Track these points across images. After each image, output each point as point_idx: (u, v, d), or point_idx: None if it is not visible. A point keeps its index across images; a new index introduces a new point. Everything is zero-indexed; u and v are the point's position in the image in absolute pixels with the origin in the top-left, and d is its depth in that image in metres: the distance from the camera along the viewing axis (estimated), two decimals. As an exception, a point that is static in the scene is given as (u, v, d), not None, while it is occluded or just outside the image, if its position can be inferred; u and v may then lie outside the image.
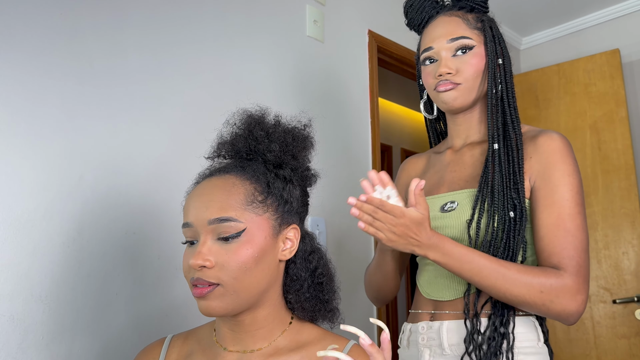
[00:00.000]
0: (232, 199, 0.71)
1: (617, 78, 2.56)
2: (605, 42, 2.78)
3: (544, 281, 0.88)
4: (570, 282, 0.88)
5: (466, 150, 1.10)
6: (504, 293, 0.89)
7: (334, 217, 1.81)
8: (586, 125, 2.62)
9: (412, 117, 4.48)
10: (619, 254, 2.43)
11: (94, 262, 1.17)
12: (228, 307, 0.71)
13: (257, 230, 0.72)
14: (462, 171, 1.08)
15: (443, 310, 1.00)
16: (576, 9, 2.78)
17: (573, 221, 0.92)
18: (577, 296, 0.88)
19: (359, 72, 2.05)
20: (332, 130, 1.88)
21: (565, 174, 0.94)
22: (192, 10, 1.48)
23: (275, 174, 0.77)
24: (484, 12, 1.09)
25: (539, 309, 0.89)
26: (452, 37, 1.03)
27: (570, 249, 0.90)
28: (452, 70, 1.02)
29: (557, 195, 0.93)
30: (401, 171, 1.27)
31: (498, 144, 1.00)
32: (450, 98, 1.04)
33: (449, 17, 1.06)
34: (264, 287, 0.74)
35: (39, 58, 1.15)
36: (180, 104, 1.41)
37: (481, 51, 1.04)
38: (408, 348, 1.06)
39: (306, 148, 0.82)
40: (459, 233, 1.00)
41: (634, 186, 2.43)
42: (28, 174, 1.10)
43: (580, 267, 0.89)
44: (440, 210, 1.04)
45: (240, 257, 0.70)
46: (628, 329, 2.34)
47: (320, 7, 1.91)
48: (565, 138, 0.99)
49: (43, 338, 1.07)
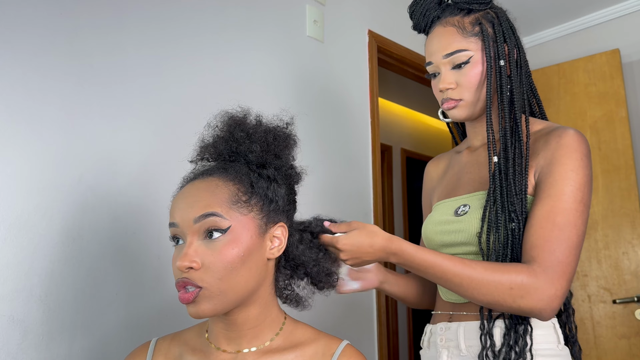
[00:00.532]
0: (216, 199, 0.72)
1: (617, 78, 2.57)
2: (605, 42, 2.78)
3: (514, 277, 0.84)
4: (542, 276, 0.84)
5: (482, 151, 1.09)
6: (472, 293, 0.86)
7: (335, 217, 1.81)
8: (586, 125, 2.62)
9: (412, 117, 4.49)
10: (619, 254, 2.43)
11: (93, 262, 1.18)
12: (217, 308, 0.71)
13: (243, 229, 0.72)
14: (477, 172, 1.07)
15: (460, 312, 1.00)
16: (576, 9, 2.78)
17: (565, 216, 0.88)
18: (549, 291, 0.83)
19: (359, 72, 2.05)
20: (332, 130, 1.88)
21: (569, 169, 0.90)
22: (192, 10, 1.49)
23: (258, 173, 0.77)
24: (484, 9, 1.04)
25: (510, 306, 0.85)
26: (447, 52, 1.01)
27: (553, 243, 0.86)
28: (452, 85, 1.02)
29: (555, 189, 0.90)
30: (425, 176, 1.26)
31: (497, 156, 0.98)
32: (454, 115, 1.04)
33: (444, 28, 1.03)
34: (252, 286, 0.74)
35: (39, 58, 1.15)
36: (180, 103, 1.41)
37: (481, 58, 1.01)
38: (429, 349, 1.06)
39: (289, 146, 0.82)
40: (469, 238, 0.99)
41: (633, 186, 2.43)
42: (28, 174, 1.11)
43: (559, 262, 0.85)
44: (454, 214, 1.03)
45: (226, 257, 0.70)
46: (628, 329, 2.34)
47: (320, 7, 1.92)
48: (580, 134, 0.94)
49: (43, 338, 1.08)
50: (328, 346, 0.77)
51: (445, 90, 1.03)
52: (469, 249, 1.00)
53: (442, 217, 1.06)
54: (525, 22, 2.91)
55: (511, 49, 1.02)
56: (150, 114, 1.34)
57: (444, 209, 1.07)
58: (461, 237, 1.00)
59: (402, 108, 4.36)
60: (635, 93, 2.66)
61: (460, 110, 1.03)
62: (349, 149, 1.94)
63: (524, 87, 1.02)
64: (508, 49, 1.02)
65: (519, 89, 1.01)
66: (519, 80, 1.02)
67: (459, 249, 1.01)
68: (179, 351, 0.80)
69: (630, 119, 2.63)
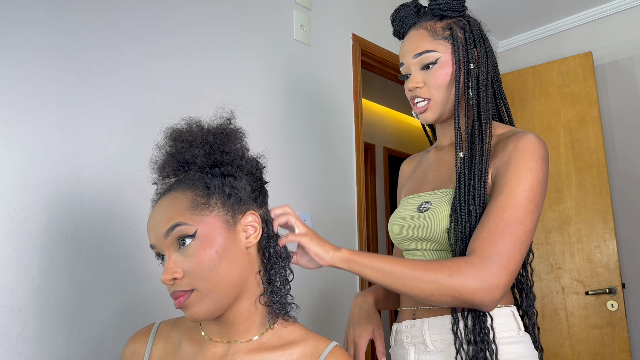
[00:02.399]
0: (176, 210, 0.74)
1: (589, 80, 2.64)
2: (579, 45, 2.86)
3: (451, 265, 0.84)
4: (480, 266, 0.83)
5: (447, 150, 1.10)
6: (415, 290, 0.85)
7: (319, 212, 1.87)
8: (560, 125, 2.69)
9: (394, 117, 4.55)
10: (592, 248, 2.50)
11: (91, 256, 1.21)
12: (210, 308, 0.73)
13: (210, 229, 0.73)
14: (442, 171, 1.08)
15: (424, 306, 1.01)
16: (551, 13, 2.85)
17: (513, 212, 0.87)
18: (488, 280, 0.83)
19: (344, 74, 2.10)
20: (317, 130, 1.93)
21: (523, 169, 0.91)
22: (185, 14, 1.52)
23: (212, 174, 0.78)
24: (457, 17, 1.06)
25: (453, 295, 0.84)
26: (416, 52, 1.04)
27: (496, 236, 0.85)
28: (419, 84, 1.04)
29: (508, 187, 0.90)
30: (399, 174, 1.30)
31: (462, 152, 1.00)
32: (425, 118, 1.06)
33: (417, 31, 1.06)
34: (238, 278, 0.75)
35: (38, 60, 1.18)
36: (173, 103, 1.45)
37: (449, 60, 1.03)
38: (396, 347, 1.06)
39: (233, 140, 0.82)
40: (430, 234, 1.00)
41: (605, 183, 2.51)
42: (28, 172, 1.13)
43: (499, 254, 0.84)
44: (418, 210, 1.04)
45: (202, 258, 0.72)
46: (600, 319, 2.42)
47: (307, 12, 1.96)
48: (538, 138, 0.95)
49: (42, 328, 1.10)
50: (316, 347, 0.77)
51: (414, 89, 1.05)
52: (431, 245, 1.01)
53: (406, 212, 1.07)
54: (501, 26, 2.97)
55: (481, 55, 1.03)
56: (145, 114, 1.37)
57: (408, 205, 1.09)
58: (423, 233, 1.01)
59: (384, 108, 4.42)
60: (607, 94, 2.74)
61: (430, 113, 1.05)
62: (334, 147, 1.99)
63: (490, 91, 1.04)
64: (478, 54, 1.04)
65: (485, 92, 1.02)
66: (486, 85, 1.03)
67: (422, 244, 1.03)
68: (179, 337, 0.82)
69: (602, 118, 2.70)
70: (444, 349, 0.96)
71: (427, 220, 1.00)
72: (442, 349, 0.96)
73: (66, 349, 1.14)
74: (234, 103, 1.62)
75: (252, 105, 1.69)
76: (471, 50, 1.03)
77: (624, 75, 2.70)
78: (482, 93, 1.02)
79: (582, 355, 2.44)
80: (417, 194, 1.10)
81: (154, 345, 0.83)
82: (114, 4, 1.35)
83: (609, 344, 2.38)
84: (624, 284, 2.52)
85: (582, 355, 2.44)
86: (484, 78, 1.03)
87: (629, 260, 2.56)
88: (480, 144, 0.99)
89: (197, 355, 0.78)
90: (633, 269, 2.55)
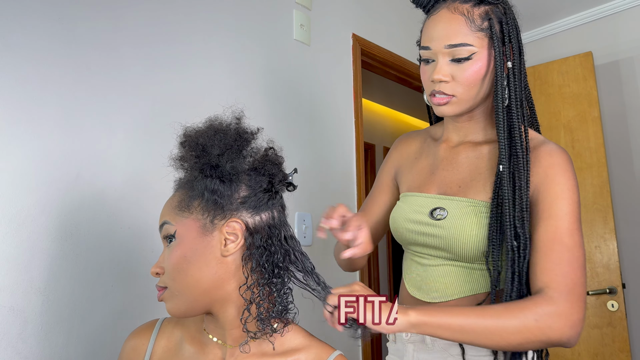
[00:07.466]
0: (167, 208, 0.77)
1: (590, 80, 2.64)
2: (579, 45, 2.86)
3: (534, 308, 0.81)
4: (561, 302, 0.81)
5: (462, 150, 1.03)
6: (500, 344, 0.81)
7: (320, 212, 1.86)
8: (560, 125, 2.69)
9: (394, 117, 4.55)
10: (592, 248, 2.50)
11: (90, 256, 1.21)
12: (181, 308, 0.74)
13: (186, 231, 0.74)
14: (455, 173, 1.01)
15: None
16: (551, 13, 2.86)
17: (571, 237, 0.85)
18: (573, 316, 0.81)
19: (344, 74, 2.10)
20: (318, 130, 1.93)
21: (565, 187, 0.89)
22: (184, 15, 1.52)
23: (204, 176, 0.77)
24: (496, 3, 0.95)
25: (541, 340, 0.80)
26: (451, 43, 0.92)
27: (565, 266, 0.83)
28: (447, 77, 0.94)
29: (556, 209, 0.87)
30: (393, 149, 1.19)
31: (503, 164, 0.92)
32: (443, 111, 0.97)
33: (452, 15, 0.93)
34: (209, 285, 0.73)
35: (38, 61, 1.18)
36: (173, 104, 1.45)
37: (483, 56, 0.93)
38: (395, 342, 1.07)
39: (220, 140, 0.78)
40: (446, 246, 0.96)
41: (605, 183, 2.51)
42: (28, 172, 1.13)
43: (574, 285, 0.82)
44: (430, 215, 0.98)
45: (172, 259, 0.74)
46: (600, 319, 2.41)
47: (307, 12, 1.96)
48: (566, 153, 0.93)
49: (42, 328, 1.10)
50: (319, 355, 0.75)
51: (439, 82, 0.95)
52: (444, 254, 0.97)
53: (416, 215, 1.01)
54: (503, 25, 2.98)
55: (515, 51, 0.95)
56: (144, 114, 1.37)
57: (415, 205, 1.02)
58: (437, 243, 0.97)
59: (384, 108, 4.42)
60: (607, 94, 2.74)
61: (450, 108, 0.96)
62: (334, 147, 1.99)
63: (524, 93, 0.97)
64: (513, 51, 0.95)
65: (518, 93, 0.94)
66: (521, 86, 0.95)
67: (433, 251, 0.99)
68: (180, 336, 0.82)
69: (602, 118, 2.70)
70: (443, 348, 0.96)
71: (443, 230, 0.95)
72: (442, 348, 0.96)
73: (66, 349, 1.14)
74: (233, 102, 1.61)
75: (252, 105, 1.69)
76: (507, 46, 0.94)
77: (624, 75, 2.70)
78: (518, 95, 0.94)
79: (582, 355, 2.44)
80: (424, 193, 1.03)
81: (157, 343, 0.82)
82: (114, 4, 1.35)
83: (609, 344, 2.38)
84: (624, 284, 2.51)
85: (582, 355, 2.44)
86: (519, 78, 0.95)
87: (629, 260, 2.56)
88: (523, 158, 0.92)
89: (198, 357, 0.78)
90: (633, 269, 2.55)
